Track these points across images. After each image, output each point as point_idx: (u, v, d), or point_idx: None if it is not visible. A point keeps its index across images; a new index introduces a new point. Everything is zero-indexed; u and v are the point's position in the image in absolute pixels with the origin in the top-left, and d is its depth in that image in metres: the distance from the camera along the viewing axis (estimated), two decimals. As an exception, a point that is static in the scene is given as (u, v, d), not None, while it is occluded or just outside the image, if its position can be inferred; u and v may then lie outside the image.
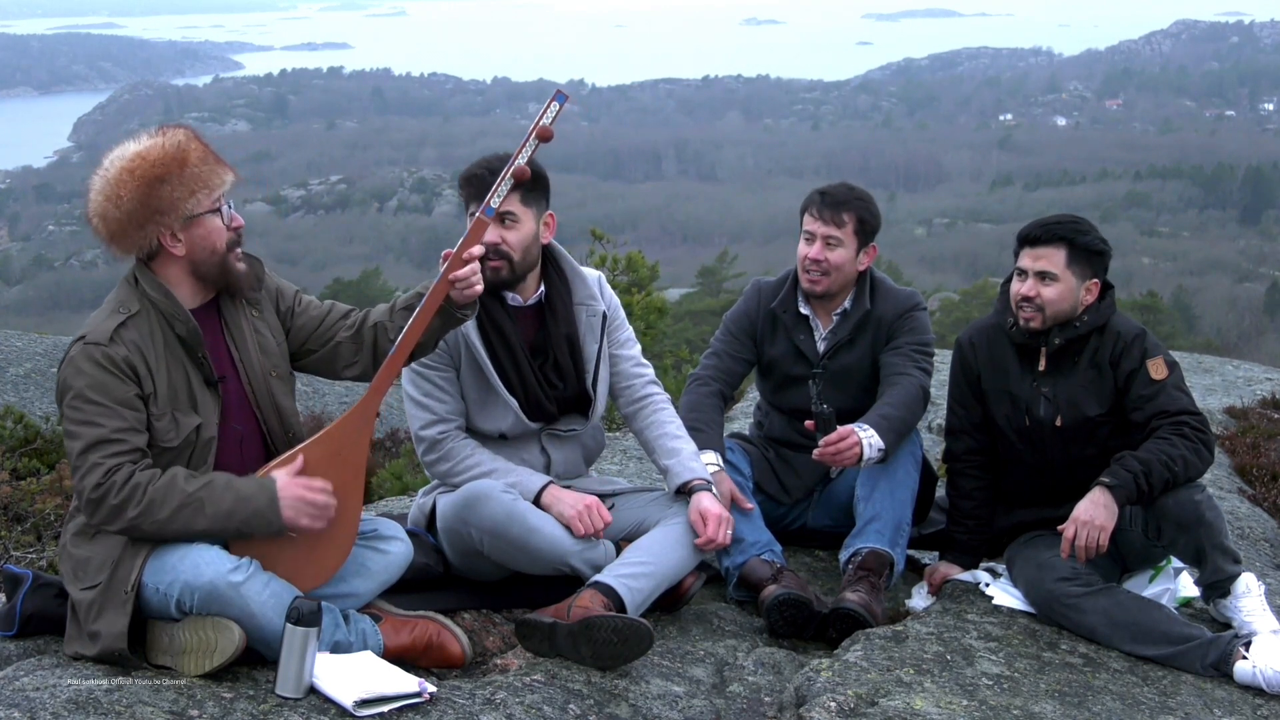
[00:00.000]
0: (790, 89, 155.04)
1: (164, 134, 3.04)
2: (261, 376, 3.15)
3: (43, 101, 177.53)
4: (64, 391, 2.92)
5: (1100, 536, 3.51)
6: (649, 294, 10.69)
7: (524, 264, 3.62)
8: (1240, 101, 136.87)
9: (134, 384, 2.93)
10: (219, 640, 2.85)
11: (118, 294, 3.04)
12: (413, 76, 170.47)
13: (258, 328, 3.18)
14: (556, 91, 3.11)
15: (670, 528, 3.58)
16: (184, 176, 2.98)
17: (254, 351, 3.15)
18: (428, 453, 3.68)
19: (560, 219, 3.78)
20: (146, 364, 2.95)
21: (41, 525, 5.34)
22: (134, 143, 3.03)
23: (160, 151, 2.98)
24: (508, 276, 3.60)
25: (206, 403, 3.04)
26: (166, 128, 3.07)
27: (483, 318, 3.59)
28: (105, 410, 2.89)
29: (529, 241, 3.60)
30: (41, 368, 9.74)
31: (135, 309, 2.99)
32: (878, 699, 3.09)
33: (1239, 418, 7.22)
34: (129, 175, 2.96)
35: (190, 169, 2.99)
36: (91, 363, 2.90)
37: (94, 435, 2.87)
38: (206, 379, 3.05)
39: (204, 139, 3.10)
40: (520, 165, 3.11)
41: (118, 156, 3.00)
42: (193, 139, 3.06)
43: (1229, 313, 50.11)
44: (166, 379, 2.98)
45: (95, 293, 64.38)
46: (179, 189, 2.97)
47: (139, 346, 2.95)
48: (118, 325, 2.95)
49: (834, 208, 4.07)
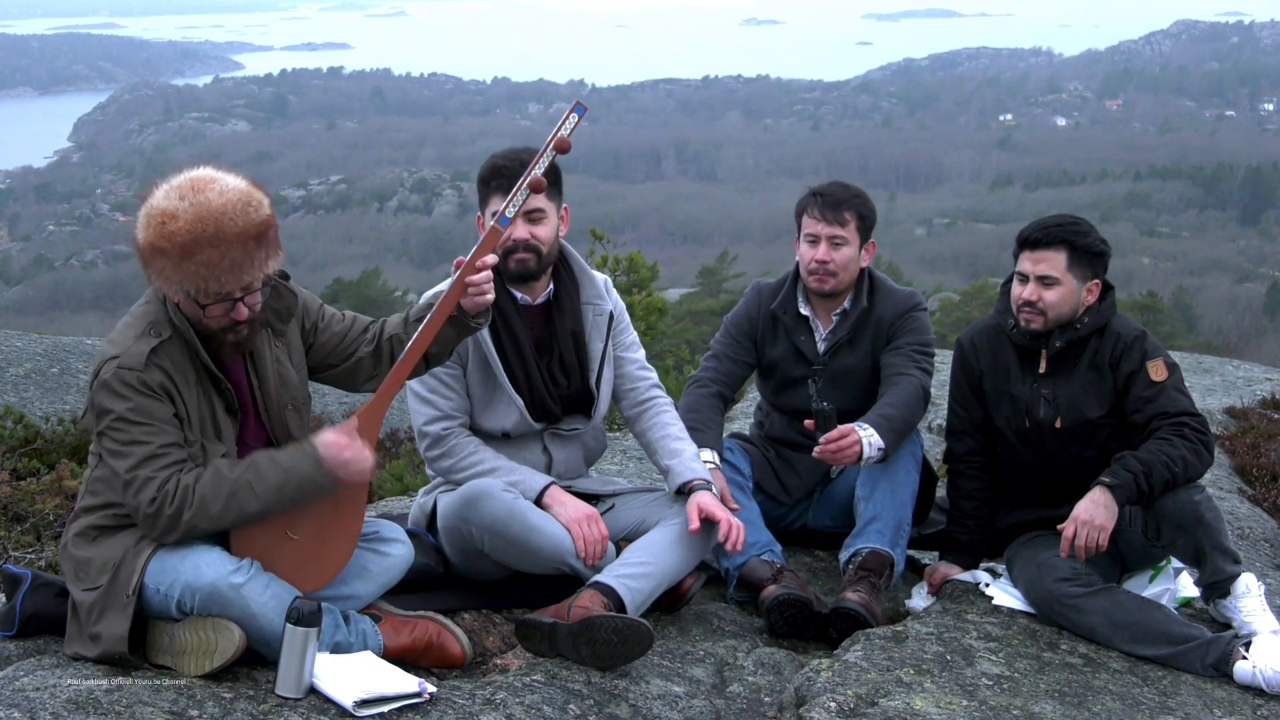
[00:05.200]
0: (790, 89, 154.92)
1: (223, 195, 2.84)
2: (278, 407, 3.15)
3: (43, 101, 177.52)
4: (102, 414, 2.91)
5: (1100, 536, 3.51)
6: (649, 294, 10.69)
7: (549, 256, 3.66)
8: (1240, 101, 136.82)
9: (170, 404, 2.94)
10: (219, 641, 2.85)
11: (148, 311, 3.00)
12: (413, 76, 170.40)
13: (279, 358, 3.17)
14: (575, 103, 3.11)
15: (670, 528, 3.58)
16: (204, 260, 2.82)
17: (273, 383, 3.14)
18: (430, 449, 3.68)
19: (561, 219, 3.80)
20: (178, 389, 2.96)
21: (41, 525, 5.34)
22: (193, 193, 2.84)
23: (198, 225, 2.81)
24: (535, 268, 3.64)
25: (227, 429, 3.06)
26: (253, 189, 2.91)
27: (495, 316, 3.61)
28: (149, 429, 2.89)
29: (554, 235, 3.65)
30: (41, 368, 9.73)
31: (167, 334, 2.96)
32: (878, 699, 3.09)
33: (1239, 418, 7.22)
34: (159, 225, 2.83)
35: (221, 253, 2.82)
36: (129, 387, 2.89)
37: (143, 453, 2.88)
38: (228, 407, 3.07)
39: (274, 216, 2.94)
40: (537, 176, 3.10)
41: (172, 194, 2.86)
42: (254, 218, 2.87)
43: (1229, 313, 50.10)
44: (196, 406, 2.99)
45: (95, 293, 64.52)
46: (190, 268, 2.83)
47: (170, 374, 2.94)
48: (150, 350, 2.92)
49: (835, 207, 4.07)
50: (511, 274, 3.62)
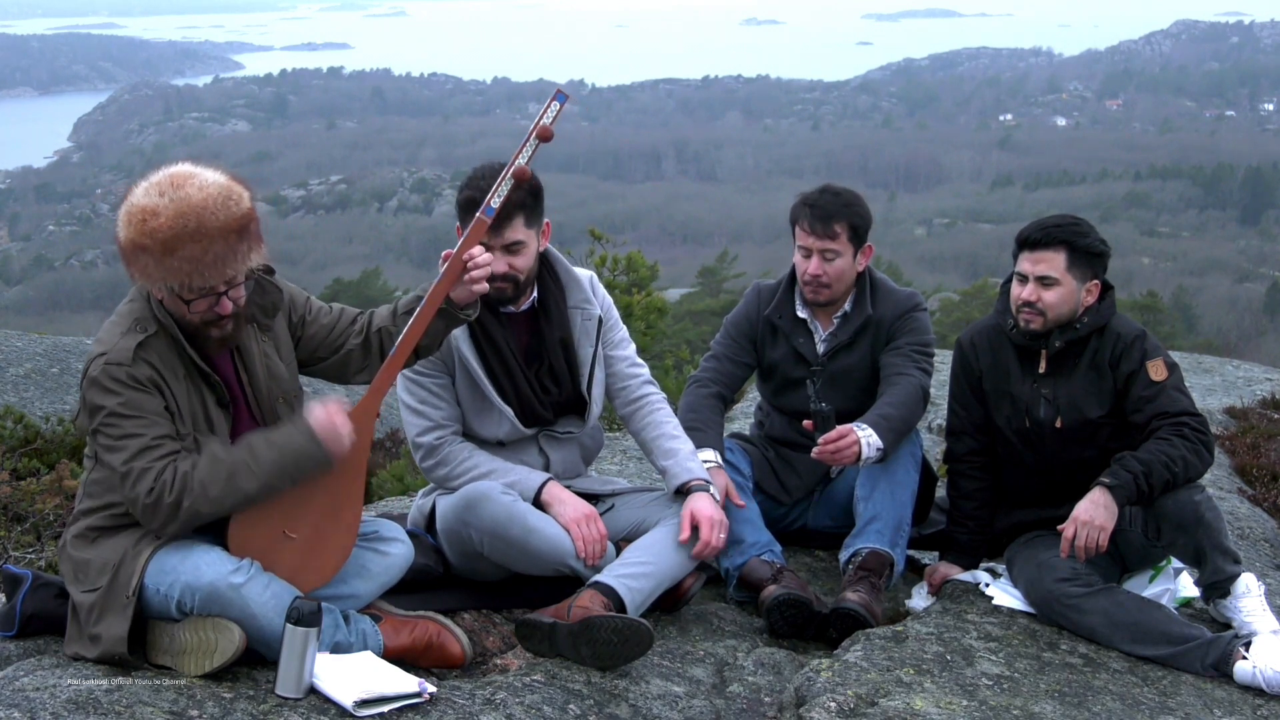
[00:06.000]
0: (790, 89, 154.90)
1: (203, 190, 2.85)
2: (269, 401, 3.15)
3: (43, 101, 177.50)
4: (94, 411, 2.91)
5: (1100, 537, 3.51)
6: (649, 294, 10.68)
7: (527, 281, 3.64)
8: (1240, 101, 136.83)
9: (160, 398, 2.94)
10: (219, 641, 2.85)
11: (133, 309, 3.01)
12: (413, 76, 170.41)
13: (267, 352, 3.17)
14: (556, 91, 3.11)
15: (670, 528, 3.58)
16: (186, 255, 2.82)
17: (262, 377, 3.14)
18: (425, 459, 3.67)
19: (560, 219, 3.79)
20: (167, 384, 2.96)
21: (41, 525, 5.34)
22: (173, 188, 2.84)
23: (179, 220, 2.81)
24: (511, 295, 3.61)
25: (220, 423, 3.06)
26: (233, 182, 2.91)
27: (474, 328, 3.58)
28: (142, 421, 2.90)
29: (532, 261, 3.62)
30: (41, 368, 9.72)
31: (153, 329, 2.97)
32: (878, 699, 3.09)
33: (1239, 418, 7.22)
34: (140, 222, 2.83)
35: (203, 248, 2.82)
36: (118, 383, 2.89)
37: (137, 445, 2.88)
38: (219, 400, 3.07)
39: (255, 209, 2.93)
40: (521, 166, 3.11)
41: (152, 191, 2.86)
42: (235, 211, 2.87)
43: (1229, 313, 50.10)
44: (186, 400, 2.99)
45: (95, 293, 64.45)
46: (173, 263, 2.83)
47: (158, 368, 2.95)
48: (137, 345, 2.93)
49: (825, 220, 4.04)
50: (491, 299, 3.55)
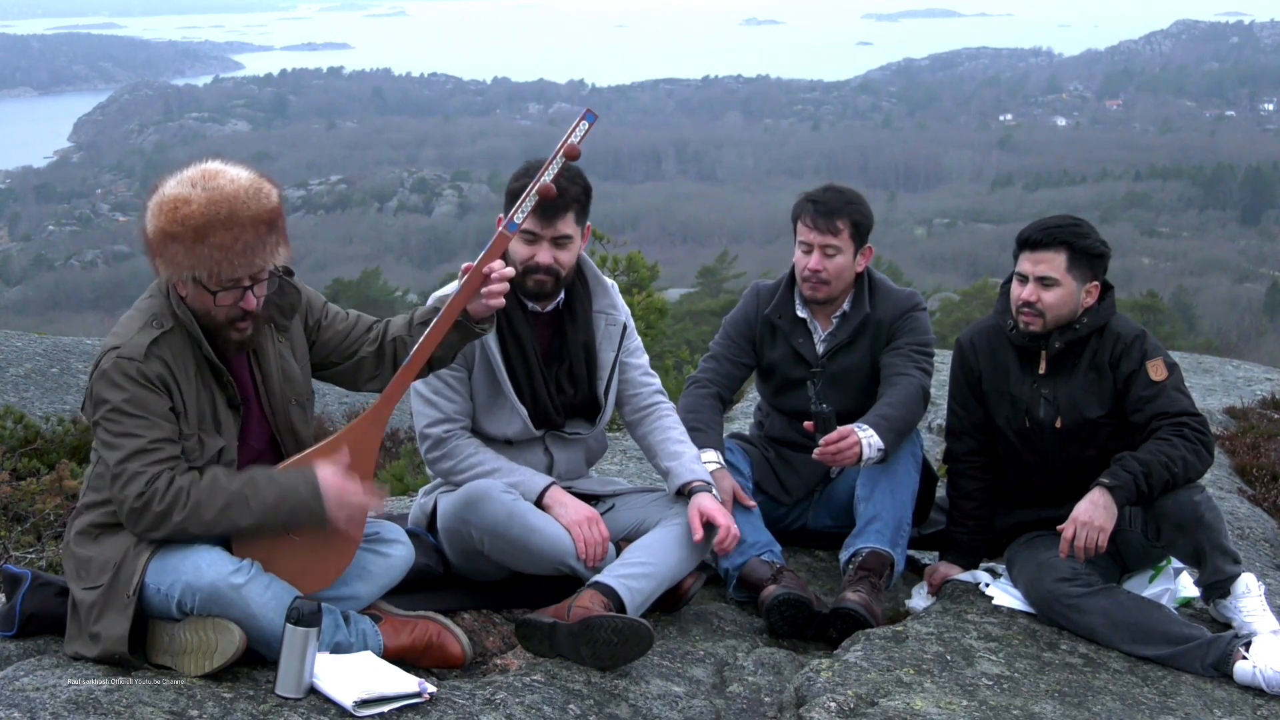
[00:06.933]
0: (790, 89, 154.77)
1: (234, 181, 2.90)
2: (282, 403, 3.15)
3: (43, 101, 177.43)
4: (99, 404, 2.91)
5: (1099, 537, 3.51)
6: (649, 294, 10.70)
7: (567, 278, 3.64)
8: (1240, 101, 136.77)
9: (168, 398, 2.94)
10: (219, 641, 2.85)
11: (151, 305, 3.01)
12: (413, 77, 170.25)
13: (283, 354, 3.17)
14: (586, 111, 3.10)
15: (670, 528, 3.58)
16: (217, 243, 2.85)
17: (277, 378, 3.14)
18: (431, 450, 3.67)
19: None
20: (177, 382, 2.96)
21: (41, 525, 5.33)
22: (204, 180, 2.89)
23: (212, 207, 2.85)
24: (551, 290, 3.62)
25: (228, 423, 3.06)
26: (262, 179, 2.95)
27: (502, 324, 3.58)
28: (143, 422, 2.89)
29: (575, 258, 3.63)
30: (41, 368, 9.73)
31: (169, 325, 2.97)
32: (878, 699, 3.09)
33: (1239, 418, 7.22)
34: (172, 210, 2.85)
35: (234, 236, 2.85)
36: (126, 378, 2.89)
37: (133, 445, 2.87)
38: (230, 401, 3.06)
39: (281, 206, 2.97)
40: (545, 183, 3.10)
41: (184, 182, 2.89)
42: (265, 203, 2.91)
43: (1229, 313, 50.07)
44: (195, 399, 2.99)
45: (95, 293, 64.52)
46: (203, 250, 2.85)
47: (170, 365, 2.95)
48: (151, 341, 2.93)
49: (828, 216, 4.05)
50: (528, 291, 3.59)
